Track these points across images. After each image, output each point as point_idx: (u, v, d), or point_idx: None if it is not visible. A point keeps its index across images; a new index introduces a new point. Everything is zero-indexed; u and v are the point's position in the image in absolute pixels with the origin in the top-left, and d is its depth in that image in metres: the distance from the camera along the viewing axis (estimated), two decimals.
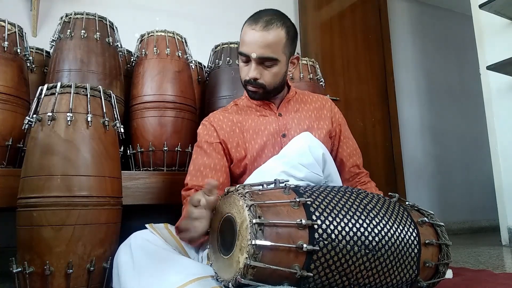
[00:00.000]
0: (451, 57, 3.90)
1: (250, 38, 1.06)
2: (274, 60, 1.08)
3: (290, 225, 0.70)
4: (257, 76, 1.09)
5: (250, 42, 1.06)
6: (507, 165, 2.23)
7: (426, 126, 3.64)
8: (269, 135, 1.13)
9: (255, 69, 1.08)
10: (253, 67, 1.08)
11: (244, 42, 1.09)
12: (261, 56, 1.06)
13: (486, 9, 2.14)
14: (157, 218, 1.20)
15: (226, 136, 1.14)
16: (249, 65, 1.09)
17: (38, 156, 0.99)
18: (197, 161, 1.12)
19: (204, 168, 1.10)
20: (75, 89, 1.05)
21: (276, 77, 1.11)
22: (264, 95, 1.14)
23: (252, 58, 1.07)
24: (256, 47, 1.06)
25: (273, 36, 1.06)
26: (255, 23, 1.07)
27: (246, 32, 1.08)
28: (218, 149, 1.13)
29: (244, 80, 1.13)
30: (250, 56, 1.07)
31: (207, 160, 1.11)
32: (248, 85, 1.12)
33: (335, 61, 3.04)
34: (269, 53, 1.06)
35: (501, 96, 2.27)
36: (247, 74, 1.10)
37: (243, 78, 1.13)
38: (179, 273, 0.80)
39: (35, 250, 0.94)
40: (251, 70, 1.08)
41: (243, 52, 1.08)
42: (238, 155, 1.12)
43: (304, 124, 1.16)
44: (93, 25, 1.47)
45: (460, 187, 3.64)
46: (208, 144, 1.13)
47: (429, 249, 0.83)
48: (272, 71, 1.09)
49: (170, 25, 1.72)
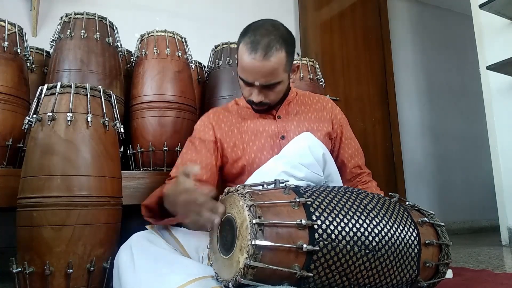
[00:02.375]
0: (451, 57, 3.89)
1: (251, 67, 1.02)
2: (276, 83, 1.07)
3: (290, 225, 0.70)
4: (262, 99, 1.09)
5: (251, 72, 1.03)
6: (507, 165, 2.23)
7: (426, 126, 3.64)
8: (267, 137, 1.13)
9: (259, 93, 1.07)
10: (256, 93, 1.08)
11: (244, 69, 1.05)
12: (265, 84, 1.06)
13: (486, 9, 2.14)
14: None
15: (223, 135, 1.14)
16: (251, 88, 1.08)
17: (38, 156, 0.99)
18: (186, 156, 1.14)
19: (190, 164, 1.10)
20: (75, 89, 1.05)
21: (280, 94, 1.13)
22: (269, 109, 1.16)
23: (255, 86, 1.07)
24: (259, 77, 1.04)
25: (274, 62, 1.02)
26: (254, 51, 1.00)
27: (245, 59, 1.03)
28: (209, 147, 1.13)
29: (247, 100, 1.13)
30: (253, 84, 1.06)
31: (195, 156, 1.12)
32: (252, 106, 1.14)
33: (335, 61, 3.04)
34: (271, 80, 1.05)
35: (501, 96, 2.27)
36: (250, 95, 1.10)
37: (246, 97, 1.13)
38: (180, 273, 0.80)
39: (35, 250, 0.94)
40: (254, 95, 1.08)
41: (244, 79, 1.07)
42: (234, 155, 1.13)
43: (304, 126, 1.16)
44: (93, 25, 1.47)
45: (460, 187, 3.64)
46: (200, 140, 1.14)
47: (429, 249, 0.83)
48: (275, 91, 1.10)
49: (170, 25, 1.72)
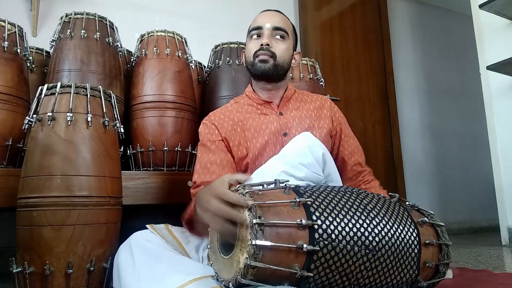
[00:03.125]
0: (451, 57, 3.90)
1: (263, 14, 1.18)
2: (285, 32, 1.16)
3: (290, 225, 0.70)
4: (269, 42, 1.13)
5: (263, 17, 1.17)
6: (507, 165, 2.23)
7: (426, 126, 3.64)
8: (270, 134, 1.13)
9: (268, 37, 1.14)
10: (266, 35, 1.14)
11: (255, 21, 1.18)
12: (275, 25, 1.14)
13: (486, 9, 2.14)
14: (157, 218, 1.20)
15: (228, 134, 1.13)
16: (260, 38, 1.15)
17: (38, 156, 0.99)
18: (203, 159, 1.11)
19: (211, 165, 1.09)
20: (75, 89, 1.05)
21: (285, 53, 1.15)
22: (273, 68, 1.13)
23: (265, 28, 1.14)
24: (270, 19, 1.15)
25: (283, 16, 1.19)
26: (267, 10, 1.20)
27: (258, 15, 1.19)
28: (222, 146, 1.12)
29: (254, 52, 1.14)
30: (262, 27, 1.14)
31: (213, 156, 1.10)
32: (259, 54, 1.13)
33: (335, 61, 3.04)
34: (281, 24, 1.16)
35: (501, 96, 2.27)
36: (258, 44, 1.14)
37: (253, 50, 1.15)
38: (180, 273, 0.80)
39: (35, 250, 0.94)
40: (264, 37, 1.13)
41: (256, 25, 1.16)
42: (239, 154, 1.12)
43: (305, 123, 1.16)
44: (93, 25, 1.47)
45: (460, 187, 3.64)
46: (211, 142, 1.12)
47: (429, 249, 0.83)
48: (281, 45, 1.15)
49: (170, 25, 1.72)
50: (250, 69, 1.17)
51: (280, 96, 1.19)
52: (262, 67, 1.13)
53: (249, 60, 1.16)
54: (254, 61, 1.14)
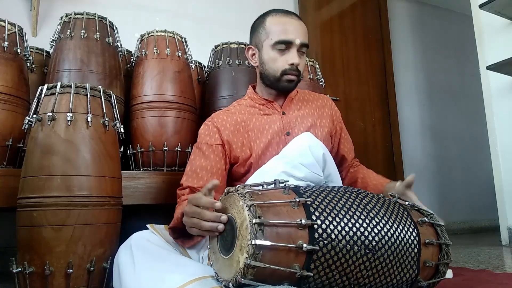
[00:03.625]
0: (451, 57, 3.90)
1: (293, 25, 1.11)
2: (307, 47, 1.14)
3: (290, 225, 0.70)
4: (299, 61, 1.11)
5: (293, 29, 1.10)
6: (507, 165, 2.23)
7: (426, 126, 3.64)
8: (273, 134, 1.13)
9: (297, 55, 1.11)
10: (295, 54, 1.11)
11: (285, 29, 1.10)
12: (303, 42, 1.12)
13: (486, 9, 2.14)
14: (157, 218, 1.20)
15: (230, 136, 1.13)
16: (286, 54, 1.11)
17: (38, 156, 0.99)
18: (194, 162, 1.12)
19: (201, 170, 1.10)
20: (75, 89, 1.05)
21: (304, 67, 1.17)
22: (295, 85, 1.16)
23: (295, 44, 1.10)
24: (299, 34, 1.11)
25: (305, 26, 1.15)
26: (288, 14, 1.13)
27: (283, 21, 1.11)
28: (217, 152, 1.12)
29: (282, 70, 1.12)
30: (293, 43, 1.10)
31: (204, 162, 1.11)
32: (288, 74, 1.12)
33: (335, 61, 3.04)
34: (307, 41, 1.13)
35: (501, 96, 2.27)
36: (286, 62, 1.11)
37: (280, 68, 1.12)
38: (180, 273, 0.80)
39: (35, 250, 0.94)
40: (294, 56, 1.10)
41: (287, 39, 1.10)
42: (243, 154, 1.12)
43: (308, 122, 1.17)
44: (93, 25, 1.47)
45: (460, 187, 3.64)
46: (207, 145, 1.13)
47: (429, 248, 0.83)
48: (303, 60, 1.14)
49: (170, 25, 1.72)
50: (272, 81, 1.14)
51: (284, 97, 1.20)
52: (288, 86, 1.14)
53: (274, 74, 1.13)
54: (281, 78, 1.12)
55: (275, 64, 1.12)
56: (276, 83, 1.14)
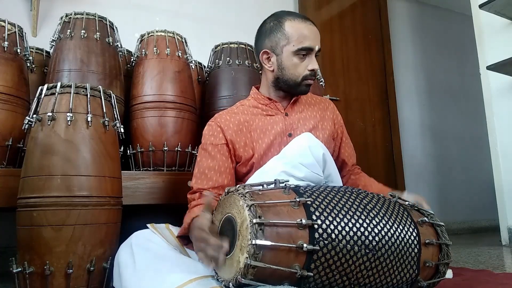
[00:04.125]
0: (451, 57, 3.90)
1: (312, 32, 1.13)
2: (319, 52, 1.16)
3: (290, 225, 0.70)
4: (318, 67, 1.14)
5: (313, 36, 1.12)
6: (507, 165, 2.23)
7: (426, 126, 3.64)
8: (275, 135, 1.13)
9: (316, 60, 1.14)
10: (315, 60, 1.13)
11: (305, 36, 1.11)
12: (320, 48, 1.14)
13: (486, 9, 2.14)
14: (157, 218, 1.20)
15: (233, 136, 1.13)
16: (306, 60, 1.13)
17: (38, 156, 0.99)
18: (202, 164, 1.12)
19: (209, 171, 1.10)
20: (75, 89, 1.05)
21: None
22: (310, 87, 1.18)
23: (315, 51, 1.13)
24: (317, 40, 1.14)
25: None
26: (306, 19, 1.15)
27: (302, 27, 1.12)
28: (223, 151, 1.12)
29: (303, 76, 1.13)
30: (314, 49, 1.12)
31: (211, 162, 1.11)
32: (308, 79, 1.14)
33: (335, 61, 3.04)
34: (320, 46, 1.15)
35: (501, 96, 2.27)
36: (306, 68, 1.13)
37: (301, 74, 1.13)
38: (180, 272, 0.80)
39: (35, 250, 0.94)
40: (314, 62, 1.13)
41: (309, 46, 1.11)
42: (246, 154, 1.12)
43: (310, 124, 1.17)
44: (93, 25, 1.47)
45: (460, 187, 3.64)
46: (213, 146, 1.13)
47: (429, 248, 0.83)
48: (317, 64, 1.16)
49: (170, 25, 1.72)
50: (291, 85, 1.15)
51: (288, 98, 1.20)
52: (306, 90, 1.17)
53: (295, 80, 1.13)
54: (301, 83, 1.14)
55: (296, 70, 1.13)
56: (295, 88, 1.16)
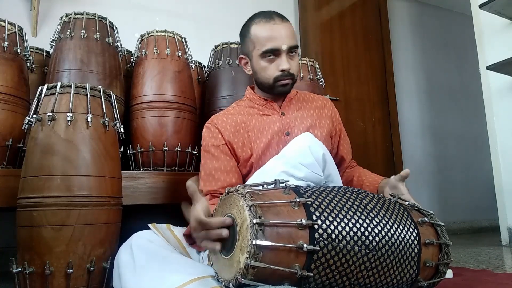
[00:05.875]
0: (451, 57, 3.89)
1: (277, 31, 1.09)
2: (297, 48, 1.12)
3: (291, 225, 0.70)
4: (290, 66, 1.10)
5: (278, 35, 1.08)
6: (507, 165, 2.23)
7: (426, 126, 3.64)
8: (273, 134, 1.13)
9: (287, 59, 1.10)
10: (285, 59, 1.09)
11: (270, 37, 1.08)
12: (291, 45, 1.09)
13: (486, 9, 2.14)
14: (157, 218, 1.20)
15: (231, 137, 1.13)
16: (276, 61, 1.10)
17: (38, 156, 0.99)
18: (207, 166, 1.12)
19: (216, 172, 1.10)
20: (75, 89, 1.05)
21: (297, 66, 1.15)
22: (291, 87, 1.15)
23: (283, 50, 1.09)
24: (285, 38, 1.09)
25: (291, 26, 1.12)
26: (271, 18, 1.10)
27: (266, 28, 1.09)
28: (226, 151, 1.12)
29: (274, 77, 1.11)
30: (280, 49, 1.08)
31: (216, 163, 1.11)
32: (281, 80, 1.12)
33: (335, 61, 3.04)
34: (294, 42, 1.11)
35: (501, 96, 2.27)
36: (276, 69, 1.11)
37: (272, 75, 1.12)
38: (180, 273, 0.80)
39: (35, 250, 0.94)
40: (284, 62, 1.09)
41: (272, 47, 1.08)
42: (244, 154, 1.12)
43: (307, 122, 1.17)
44: (93, 25, 1.47)
45: (460, 187, 3.64)
46: (215, 147, 1.13)
47: (429, 248, 0.83)
48: (295, 61, 1.13)
49: (170, 25, 1.72)
50: (266, 87, 1.15)
51: (283, 97, 1.20)
52: (283, 90, 1.14)
53: (268, 82, 1.13)
54: (274, 85, 1.13)
55: (266, 73, 1.12)
56: (271, 89, 1.15)
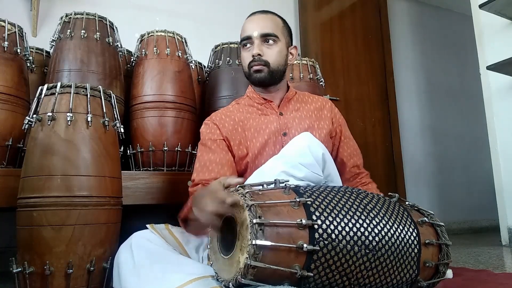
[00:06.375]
0: (451, 57, 3.89)
1: (250, 21, 1.15)
2: (275, 36, 1.13)
3: (291, 225, 0.70)
4: (260, 52, 1.11)
5: (250, 26, 1.14)
6: (507, 165, 2.23)
7: (426, 126, 3.64)
8: (270, 134, 1.13)
9: (258, 46, 1.11)
10: (256, 45, 1.12)
11: (244, 29, 1.15)
12: (262, 32, 1.11)
13: (486, 9, 2.14)
14: (157, 218, 1.20)
15: (228, 134, 1.14)
16: (251, 48, 1.13)
17: (38, 156, 0.99)
18: (202, 158, 1.12)
19: (210, 163, 1.09)
20: (75, 89, 1.05)
21: (279, 56, 1.14)
22: (269, 75, 1.14)
23: (254, 37, 1.11)
24: (257, 26, 1.12)
25: (271, 18, 1.15)
26: (253, 14, 1.17)
27: (246, 21, 1.16)
28: (223, 145, 1.13)
29: (248, 64, 1.14)
30: (251, 36, 1.12)
31: (212, 155, 1.11)
32: (253, 65, 1.13)
33: (335, 61, 3.04)
34: (269, 30, 1.12)
35: (501, 96, 2.27)
36: (250, 55, 1.12)
37: (246, 62, 1.14)
38: (180, 273, 0.80)
39: (35, 250, 0.94)
40: (254, 48, 1.12)
41: (244, 36, 1.13)
42: (240, 153, 1.12)
43: (305, 123, 1.16)
44: (93, 25, 1.47)
45: (460, 187, 3.64)
46: (212, 141, 1.13)
47: (429, 249, 0.83)
48: (274, 50, 1.13)
49: (170, 25, 1.72)
50: (248, 78, 1.18)
51: (281, 97, 1.20)
52: (257, 76, 1.14)
53: (245, 70, 1.17)
54: (250, 72, 1.15)
55: (244, 61, 1.16)
56: (249, 79, 1.17)
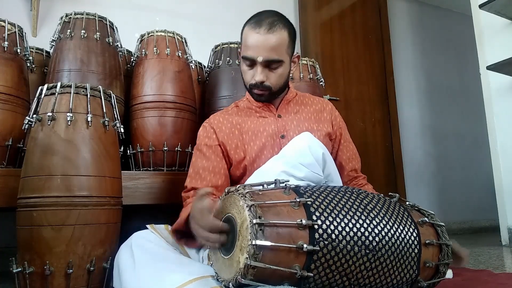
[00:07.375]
0: (451, 57, 3.90)
1: (255, 41, 1.05)
2: (279, 62, 1.08)
3: (291, 225, 0.70)
4: (263, 79, 1.08)
5: (255, 46, 1.05)
6: (507, 165, 2.23)
7: (426, 126, 3.64)
8: (267, 137, 1.13)
9: (261, 72, 1.08)
10: (259, 71, 1.07)
11: (248, 46, 1.07)
12: (267, 59, 1.06)
13: (486, 9, 2.14)
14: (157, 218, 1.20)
15: (225, 138, 1.14)
16: (254, 68, 1.09)
17: (38, 156, 0.99)
18: (196, 164, 1.13)
19: (203, 171, 1.10)
20: (75, 89, 1.05)
21: (281, 78, 1.12)
22: (270, 96, 1.14)
23: (258, 62, 1.06)
24: (262, 51, 1.05)
25: (277, 38, 1.05)
26: (258, 26, 1.06)
27: (250, 35, 1.07)
28: (217, 152, 1.13)
29: (249, 84, 1.12)
30: (256, 60, 1.06)
31: (206, 163, 1.11)
32: (254, 89, 1.12)
33: (335, 61, 3.04)
34: (274, 56, 1.06)
35: (501, 96, 2.27)
36: (252, 77, 1.10)
37: (248, 82, 1.12)
38: (180, 273, 0.80)
39: (35, 250, 0.94)
40: (257, 73, 1.08)
41: (248, 56, 1.07)
42: (237, 156, 1.12)
43: (303, 126, 1.16)
44: (93, 25, 1.47)
45: (460, 187, 3.64)
46: (207, 147, 1.13)
47: (429, 249, 0.83)
48: (277, 73, 1.10)
49: (170, 25, 1.72)
50: (247, 90, 1.16)
51: (280, 99, 1.20)
52: (258, 98, 1.15)
53: (245, 84, 1.14)
54: (251, 91, 1.14)
55: (245, 76, 1.13)
56: (249, 92, 1.17)
